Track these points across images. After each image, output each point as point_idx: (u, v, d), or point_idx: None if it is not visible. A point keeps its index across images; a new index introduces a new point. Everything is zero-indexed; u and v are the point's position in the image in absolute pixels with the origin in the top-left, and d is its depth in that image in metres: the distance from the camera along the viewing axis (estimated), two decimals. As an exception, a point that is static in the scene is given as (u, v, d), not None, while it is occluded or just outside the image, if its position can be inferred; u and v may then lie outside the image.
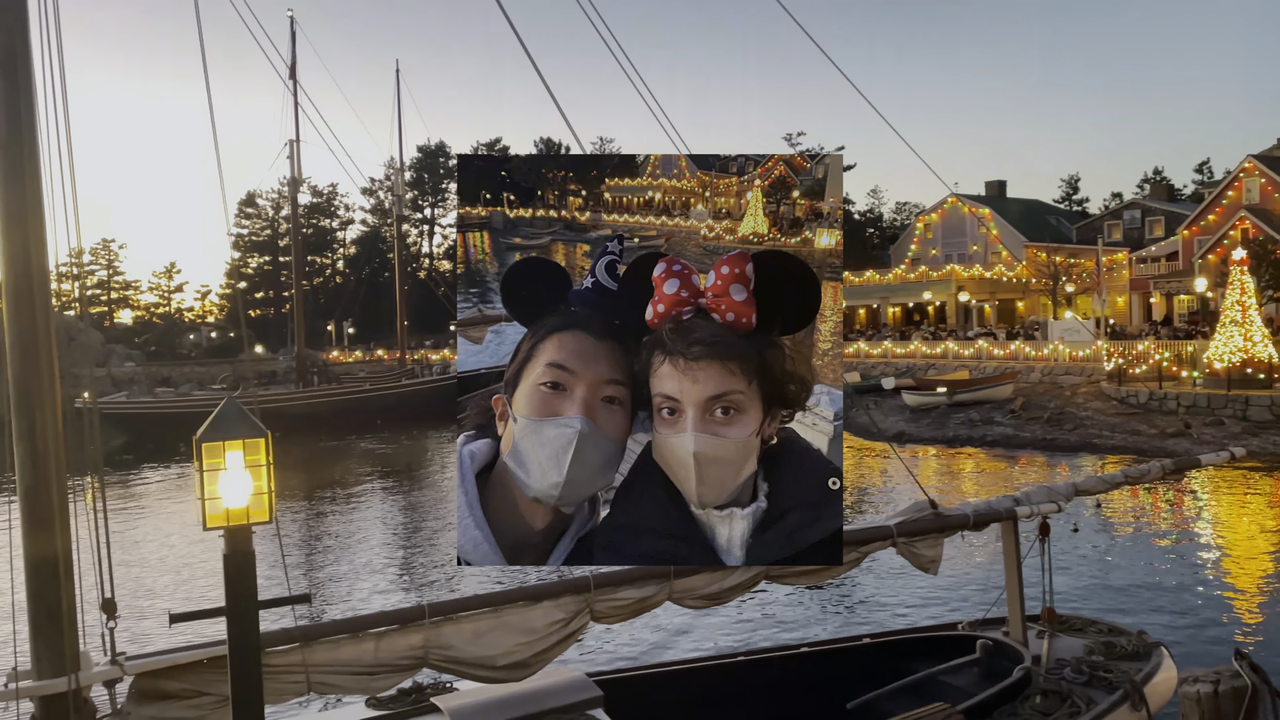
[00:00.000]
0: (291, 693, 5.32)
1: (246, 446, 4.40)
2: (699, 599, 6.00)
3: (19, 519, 4.95)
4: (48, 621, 4.88)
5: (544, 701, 5.72)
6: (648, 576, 5.84)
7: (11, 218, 4.91)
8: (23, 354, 4.91)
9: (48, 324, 5.00)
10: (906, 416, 35.99)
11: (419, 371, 56.44)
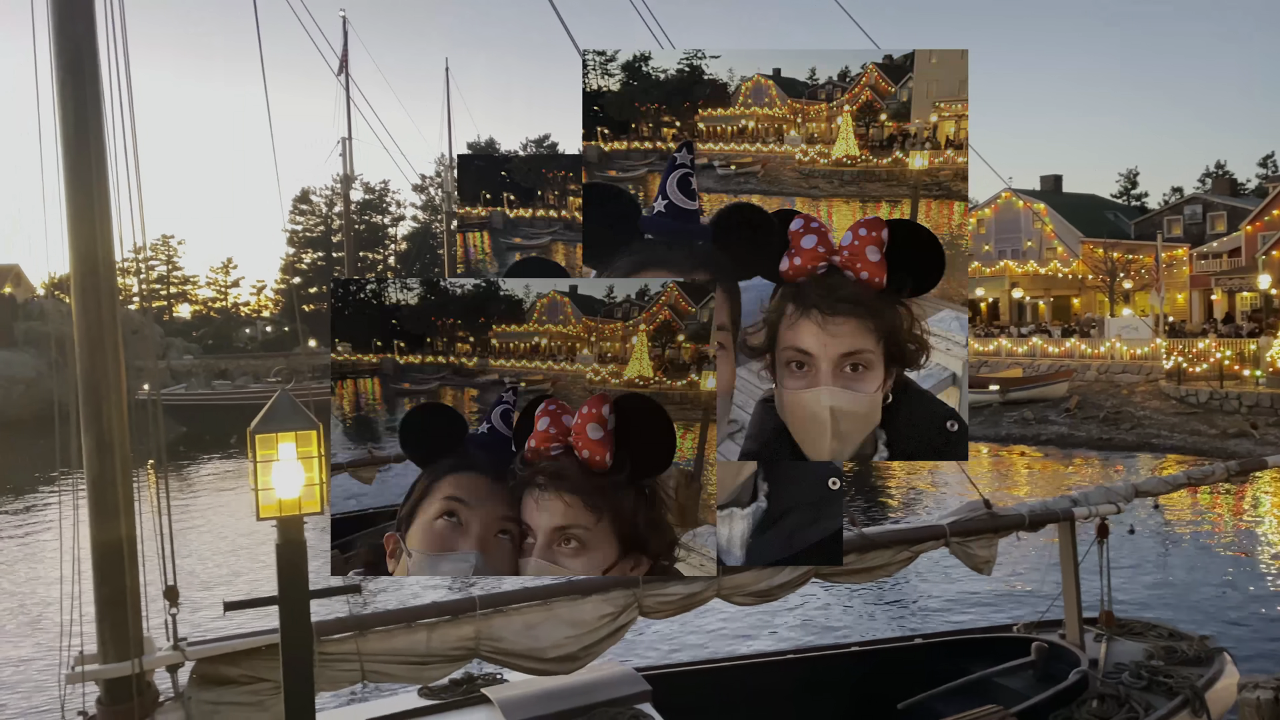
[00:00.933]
0: (346, 680, 5.41)
1: (299, 438, 4.47)
2: (747, 596, 5.98)
3: (86, 508, 5.10)
4: (113, 607, 5.03)
5: (592, 695, 5.75)
6: (694, 573, 5.84)
7: (80, 216, 5.06)
8: (90, 348, 5.06)
9: (113, 319, 5.14)
10: (958, 414, 35.48)
11: (468, 366, 57.04)
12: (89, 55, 5.09)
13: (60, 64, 5.03)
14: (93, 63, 5.10)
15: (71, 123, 5.04)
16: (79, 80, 5.05)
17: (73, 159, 5.07)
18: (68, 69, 5.03)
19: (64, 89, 5.03)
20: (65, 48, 5.03)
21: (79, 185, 5.05)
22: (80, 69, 5.06)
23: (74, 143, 5.06)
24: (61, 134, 5.04)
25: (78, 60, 5.05)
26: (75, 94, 5.04)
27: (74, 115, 5.03)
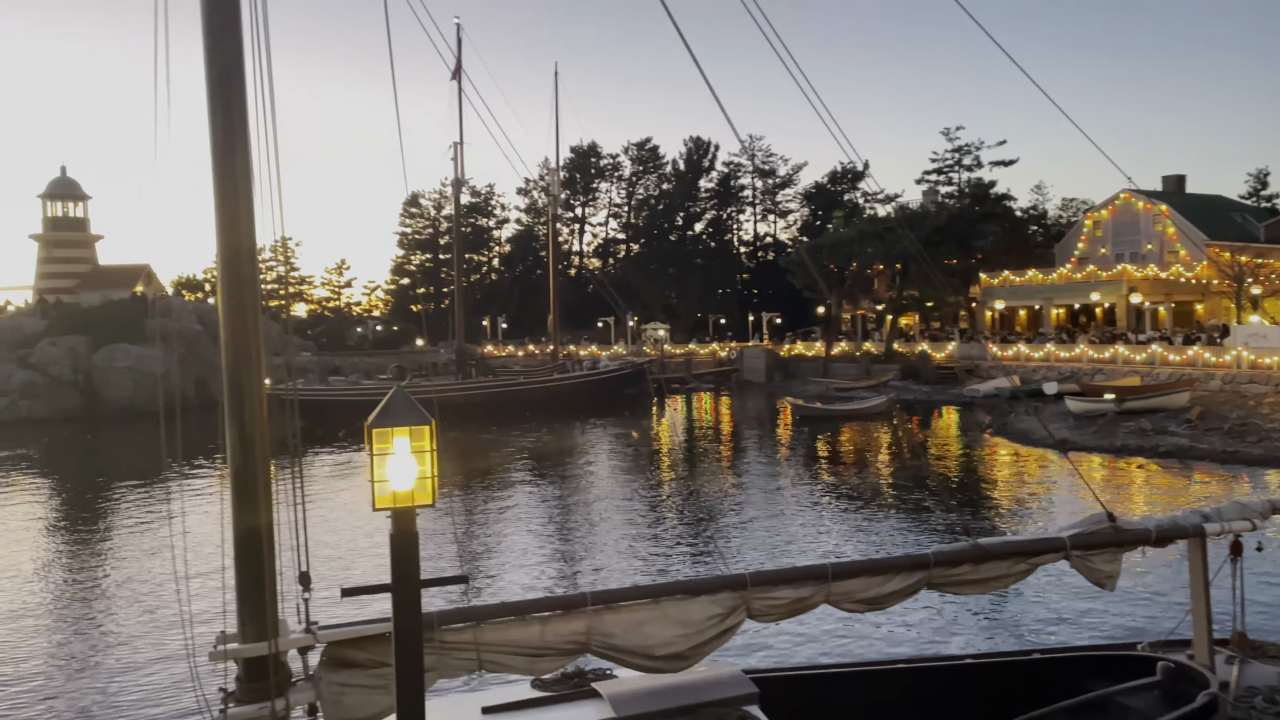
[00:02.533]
0: (464, 669, 5.60)
1: (413, 433, 4.63)
2: (857, 603, 5.96)
3: (227, 495, 5.41)
4: (252, 590, 5.33)
5: (700, 694, 5.80)
6: (805, 577, 5.85)
7: (226, 224, 5.37)
8: (234, 348, 5.36)
9: (256, 322, 5.44)
10: (1070, 423, 34.26)
11: (569, 366, 57.78)
12: (236, 70, 5.39)
13: (211, 77, 5.34)
14: (239, 76, 5.40)
15: (220, 134, 5.35)
16: (226, 93, 5.36)
17: (220, 169, 5.38)
18: (218, 82, 5.34)
19: (214, 101, 5.35)
20: (215, 62, 5.34)
21: (226, 194, 5.35)
22: (228, 82, 5.36)
23: (221, 153, 5.37)
24: (211, 143, 5.35)
25: (225, 75, 5.36)
26: (224, 106, 5.35)
27: (222, 127, 5.35)
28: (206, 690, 5.36)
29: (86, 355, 57.54)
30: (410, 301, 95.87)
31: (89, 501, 27.94)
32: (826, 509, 22.96)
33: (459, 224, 55.15)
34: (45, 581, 18.52)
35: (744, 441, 38.50)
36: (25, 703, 11.93)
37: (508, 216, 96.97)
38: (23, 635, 14.82)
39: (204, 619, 11.02)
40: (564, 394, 50.30)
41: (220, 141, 5.34)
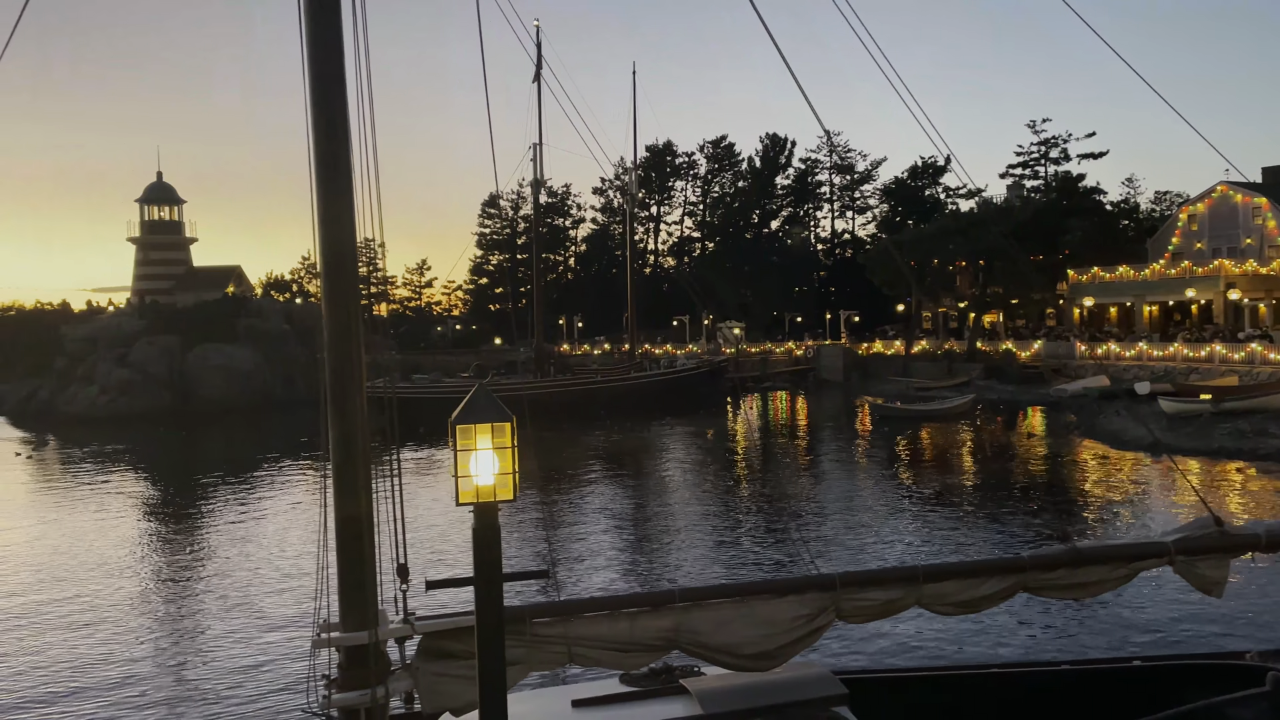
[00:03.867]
0: (555, 661, 5.68)
1: (495, 430, 4.73)
2: (949, 605, 5.88)
3: (325, 489, 5.59)
4: (353, 582, 5.50)
5: (788, 694, 5.80)
6: (895, 579, 5.80)
7: (329, 226, 5.55)
8: (337, 347, 5.53)
9: (357, 322, 5.61)
10: (1163, 425, 33.05)
11: (646, 365, 57.93)
12: (336, 77, 5.56)
13: (314, 82, 5.52)
14: (340, 82, 5.58)
15: (323, 140, 5.53)
16: (326, 100, 5.54)
17: (321, 174, 5.56)
18: (320, 86, 5.51)
19: (316, 107, 5.53)
20: (315, 64, 5.52)
21: (329, 200, 5.52)
22: (325, 91, 5.54)
23: (322, 159, 5.55)
24: (314, 147, 5.53)
25: (323, 83, 5.54)
26: (326, 113, 5.53)
27: (325, 132, 5.53)
28: (313, 676, 5.54)
29: (180, 354, 59.84)
30: (488, 301, 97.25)
31: (189, 495, 29.07)
32: (908, 510, 22.61)
33: (538, 224, 55.76)
34: (155, 571, 19.36)
35: (822, 441, 38.12)
36: (142, 687, 12.49)
37: (584, 216, 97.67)
38: (138, 622, 15.52)
39: (305, 608, 11.39)
40: (641, 392, 50.49)
41: (323, 145, 5.50)
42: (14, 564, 19.83)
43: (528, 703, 5.99)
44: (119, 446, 42.29)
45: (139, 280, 72.01)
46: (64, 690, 12.37)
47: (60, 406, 57.96)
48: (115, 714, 11.51)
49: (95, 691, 12.29)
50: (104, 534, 22.84)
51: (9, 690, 12.44)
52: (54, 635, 14.74)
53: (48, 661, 13.51)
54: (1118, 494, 23.96)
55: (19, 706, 11.87)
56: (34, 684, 12.62)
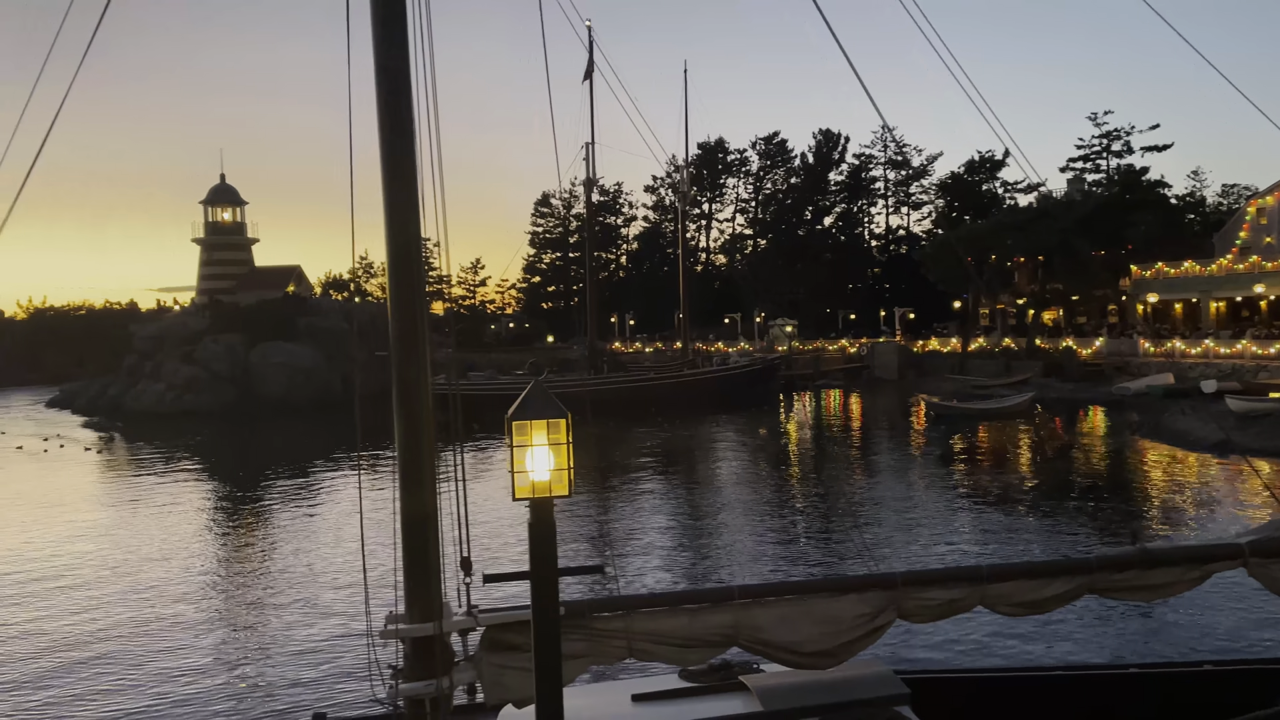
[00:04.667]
0: (615, 656, 5.73)
1: (550, 426, 4.77)
2: (1014, 606, 5.80)
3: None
4: (418, 574, 5.61)
5: (849, 692, 5.77)
6: (958, 578, 5.74)
7: (395, 225, 5.65)
8: (403, 345, 5.63)
9: (423, 319, 5.71)
10: (1230, 424, 32.14)
11: (699, 362, 57.89)
12: (402, 77, 5.67)
13: (381, 83, 5.63)
14: (405, 83, 5.68)
15: (387, 139, 5.64)
16: (394, 104, 5.64)
17: (388, 173, 5.67)
18: (387, 86, 5.62)
19: (384, 106, 5.63)
20: (384, 69, 5.64)
21: (395, 197, 5.63)
22: (394, 93, 5.65)
23: (388, 158, 5.66)
24: (381, 147, 5.65)
25: (395, 80, 5.64)
26: (391, 115, 5.64)
27: (390, 131, 5.63)
28: (379, 667, 5.67)
29: (243, 352, 61.24)
30: (541, 299, 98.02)
31: (252, 489, 29.77)
32: (966, 510, 22.30)
33: (591, 223, 55.98)
34: (220, 562, 19.88)
35: (876, 439, 37.75)
36: (208, 676, 12.85)
37: (635, 214, 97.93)
38: (204, 612, 15.97)
39: (377, 599, 11.60)
40: (693, 390, 50.48)
41: (388, 145, 5.61)
42: (85, 555, 20.50)
43: (588, 696, 6.05)
44: (185, 441, 43.44)
45: (203, 280, 73.82)
46: (131, 677, 12.77)
47: (129, 403, 59.67)
48: (182, 702, 11.86)
49: (160, 679, 12.66)
50: (170, 527, 23.50)
51: (82, 677, 12.88)
52: (122, 624, 15.22)
53: (116, 649, 13.96)
54: (1185, 494, 23.37)
55: (89, 694, 12.29)
56: (102, 670, 13.05)
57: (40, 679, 12.84)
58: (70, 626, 15.17)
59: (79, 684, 12.57)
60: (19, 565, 19.73)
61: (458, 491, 5.91)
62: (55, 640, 14.49)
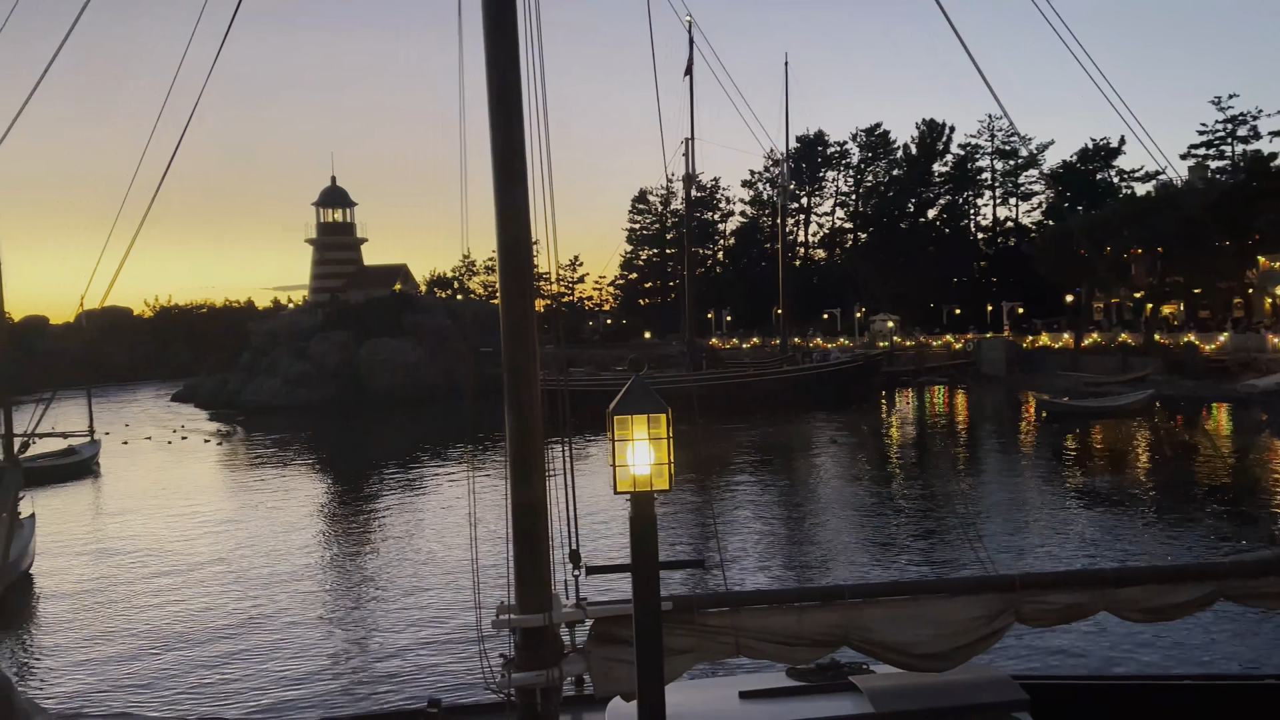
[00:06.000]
0: (722, 652, 5.71)
1: (651, 421, 4.80)
2: (1140, 612, 5.56)
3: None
4: (528, 566, 5.70)
5: (964, 697, 5.63)
6: (1081, 582, 5.54)
7: (505, 222, 5.75)
8: (513, 341, 5.73)
9: (532, 314, 5.80)
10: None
11: (798, 358, 57.24)
12: (512, 79, 5.75)
13: (492, 82, 5.73)
14: (515, 86, 5.76)
15: (500, 141, 5.73)
16: (505, 106, 5.73)
17: (500, 174, 5.76)
18: (499, 87, 5.71)
19: (494, 110, 5.74)
20: (495, 70, 5.73)
21: (505, 198, 5.72)
22: (506, 94, 5.74)
23: (500, 160, 5.75)
24: (493, 152, 5.75)
25: (503, 85, 5.74)
26: (505, 109, 5.72)
27: (502, 134, 5.73)
28: (491, 656, 5.77)
29: (353, 348, 63.33)
30: (638, 295, 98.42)
31: (363, 480, 30.77)
32: (1081, 512, 21.46)
33: (690, 218, 55.86)
34: (332, 551, 20.62)
35: (983, 438, 36.69)
36: (322, 664, 13.34)
37: (732, 210, 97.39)
38: (318, 601, 16.59)
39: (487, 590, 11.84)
40: (793, 386, 49.96)
41: (500, 144, 5.70)
42: (207, 543, 21.53)
43: (695, 691, 6.05)
44: (298, 433, 45.21)
45: (315, 279, 76.57)
46: (251, 662, 13.34)
47: (246, 396, 62.38)
48: (299, 686, 12.33)
49: (278, 664, 13.18)
50: (285, 517, 24.48)
51: (205, 659, 13.52)
52: (242, 610, 15.92)
53: (236, 634, 14.60)
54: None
55: (212, 677, 12.89)
56: (225, 654, 13.67)
57: (168, 660, 13.55)
58: (195, 611, 15.97)
59: (203, 666, 13.20)
60: (147, 553, 20.87)
61: (567, 484, 5.98)
62: (182, 624, 15.26)
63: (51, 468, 31.97)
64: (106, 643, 14.38)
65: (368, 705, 11.13)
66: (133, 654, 13.81)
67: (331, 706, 11.23)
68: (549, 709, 5.52)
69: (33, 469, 24.74)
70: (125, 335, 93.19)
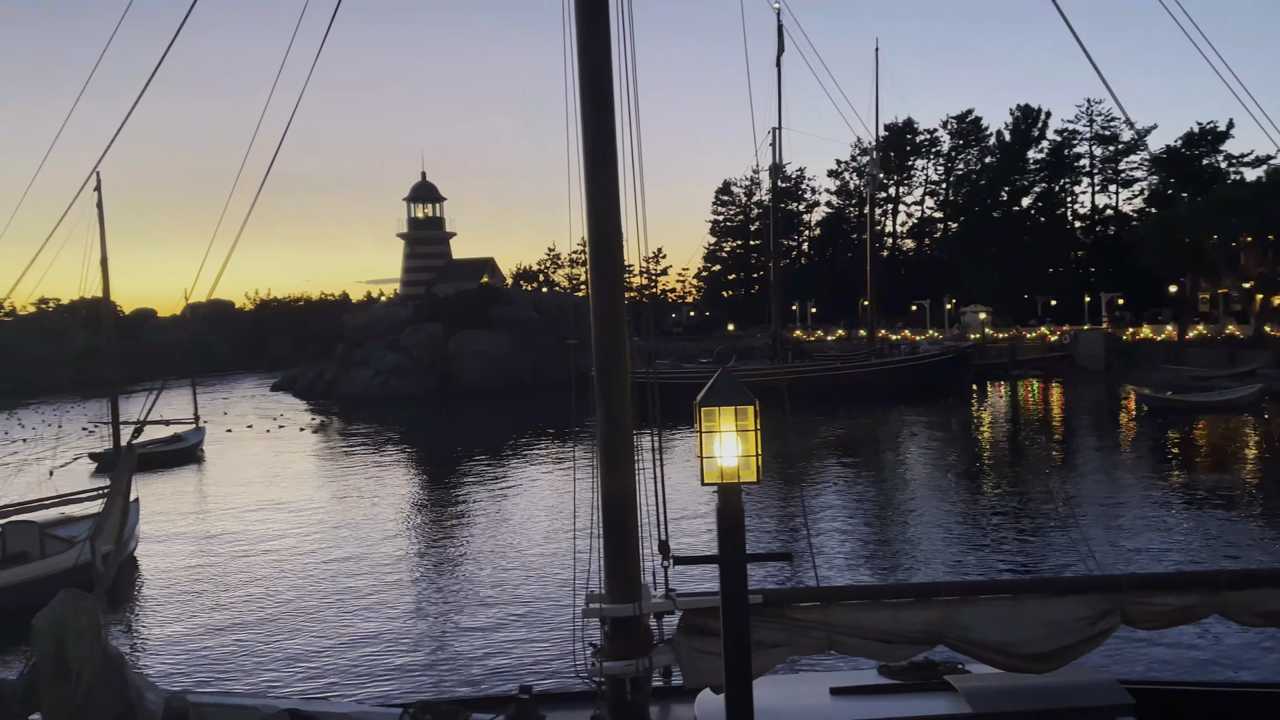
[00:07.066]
0: (813, 647, 5.64)
1: (738, 413, 4.75)
2: (1256, 616, 5.29)
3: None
4: (618, 555, 5.73)
5: (1066, 700, 5.44)
6: (1192, 584, 5.30)
7: (596, 215, 5.77)
8: (603, 333, 5.75)
9: (622, 306, 5.82)
10: None
11: (886, 351, 56.25)
12: (605, 76, 5.77)
13: (583, 78, 5.76)
14: (607, 82, 5.78)
15: (592, 135, 5.75)
16: (599, 99, 5.75)
17: (590, 169, 5.78)
18: (590, 83, 5.74)
19: (586, 105, 5.76)
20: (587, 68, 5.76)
21: (598, 194, 5.74)
22: (600, 90, 5.75)
23: (591, 155, 5.77)
24: (585, 146, 5.77)
25: (597, 81, 5.75)
26: (595, 111, 5.75)
27: (594, 128, 5.75)
28: (582, 644, 5.82)
29: (443, 340, 64.64)
30: (721, 287, 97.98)
31: (454, 469, 31.42)
32: (1185, 511, 20.58)
33: (775, 209, 55.31)
34: (424, 537, 21.13)
35: (1079, 433, 35.48)
36: (414, 650, 13.68)
37: (818, 200, 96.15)
38: (412, 585, 17.01)
39: (564, 579, 11.96)
40: (881, 379, 49.11)
41: (592, 139, 5.73)
42: (300, 530, 22.25)
43: (786, 686, 5.99)
44: (391, 424, 46.39)
45: (407, 272, 78.25)
46: (347, 646, 13.73)
47: (341, 387, 64.25)
48: (393, 671, 12.65)
49: (373, 649, 13.54)
50: (377, 504, 25.16)
51: (302, 642, 13.98)
52: (340, 596, 16.41)
53: (334, 619, 15.06)
54: None
55: (309, 659, 13.31)
56: (323, 637, 14.11)
57: (264, 643, 14.05)
58: (291, 595, 16.53)
59: (298, 649, 13.66)
60: (246, 537, 21.69)
61: (656, 476, 5.98)
62: (278, 607, 15.82)
63: (160, 453, 33.53)
64: (206, 624, 15.01)
65: (460, 690, 11.35)
66: (232, 635, 14.38)
67: (424, 690, 11.50)
68: (638, 699, 5.53)
69: (142, 454, 25.93)
70: (228, 327, 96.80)
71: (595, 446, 5.84)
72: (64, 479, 26.70)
